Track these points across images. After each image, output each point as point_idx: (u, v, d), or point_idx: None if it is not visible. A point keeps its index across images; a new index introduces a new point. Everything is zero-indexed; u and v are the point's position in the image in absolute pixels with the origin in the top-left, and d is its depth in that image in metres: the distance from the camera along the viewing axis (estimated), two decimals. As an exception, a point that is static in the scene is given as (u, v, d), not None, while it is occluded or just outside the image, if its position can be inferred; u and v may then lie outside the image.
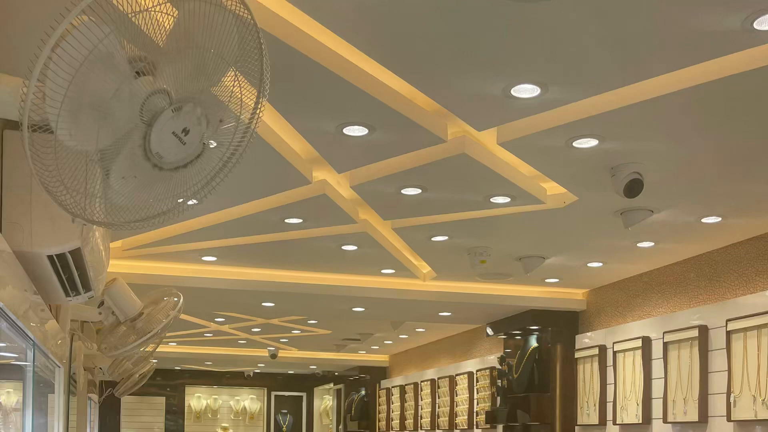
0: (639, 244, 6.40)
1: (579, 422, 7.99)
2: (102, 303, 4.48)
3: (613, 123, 4.10)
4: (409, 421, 12.36)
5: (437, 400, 11.41)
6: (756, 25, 3.19)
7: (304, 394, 18.27)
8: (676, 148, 4.43)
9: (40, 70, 1.85)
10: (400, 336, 11.84)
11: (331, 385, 16.83)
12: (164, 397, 17.39)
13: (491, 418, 9.23)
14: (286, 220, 5.84)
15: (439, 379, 11.42)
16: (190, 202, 2.17)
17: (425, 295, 7.90)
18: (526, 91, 3.76)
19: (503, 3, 3.05)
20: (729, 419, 6.01)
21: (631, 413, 7.15)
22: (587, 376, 7.90)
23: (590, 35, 3.31)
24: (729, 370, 6.03)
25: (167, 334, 5.24)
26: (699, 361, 6.36)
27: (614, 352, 7.48)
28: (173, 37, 1.99)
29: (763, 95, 3.78)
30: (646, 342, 7.07)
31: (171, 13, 1.96)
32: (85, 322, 6.04)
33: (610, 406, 7.50)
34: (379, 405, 14.00)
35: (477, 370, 10.27)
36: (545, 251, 6.65)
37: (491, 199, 5.29)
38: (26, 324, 2.93)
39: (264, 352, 13.44)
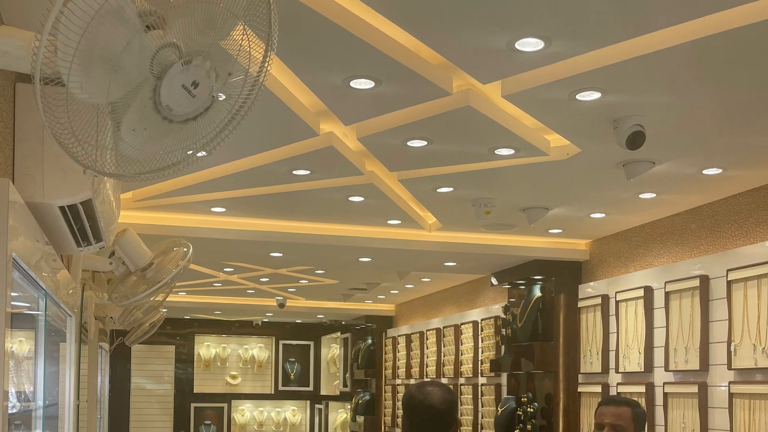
0: (641, 195, 6.44)
1: (582, 370, 8.07)
2: (113, 253, 4.54)
3: (615, 76, 4.13)
4: (415, 369, 12.45)
5: (442, 348, 11.49)
6: (757, -21, 3.21)
7: (311, 343, 18.39)
8: (678, 100, 4.47)
9: (51, 24, 1.89)
10: (406, 286, 11.91)
11: (338, 334, 16.93)
12: (174, 346, 17.51)
13: (495, 366, 9.32)
14: (294, 172, 5.88)
15: (444, 328, 11.49)
16: (199, 154, 2.22)
17: (431, 246, 7.95)
18: (529, 44, 3.79)
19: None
20: (729, 367, 6.08)
21: (633, 361, 7.23)
22: (590, 325, 7.98)
23: (592, -11, 3.34)
24: (729, 320, 6.10)
25: (177, 284, 5.32)
26: (700, 310, 6.42)
27: (616, 302, 7.55)
28: (183, -8, 2.03)
29: (764, 49, 3.80)
30: (648, 292, 7.13)
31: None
32: (96, 272, 6.12)
33: (612, 355, 7.58)
34: (385, 354, 14.10)
35: (481, 320, 10.33)
36: (548, 202, 6.69)
37: (495, 151, 5.33)
38: (38, 274, 2.98)
39: (272, 302, 13.51)
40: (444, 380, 11.12)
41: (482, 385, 10.21)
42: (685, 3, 3.44)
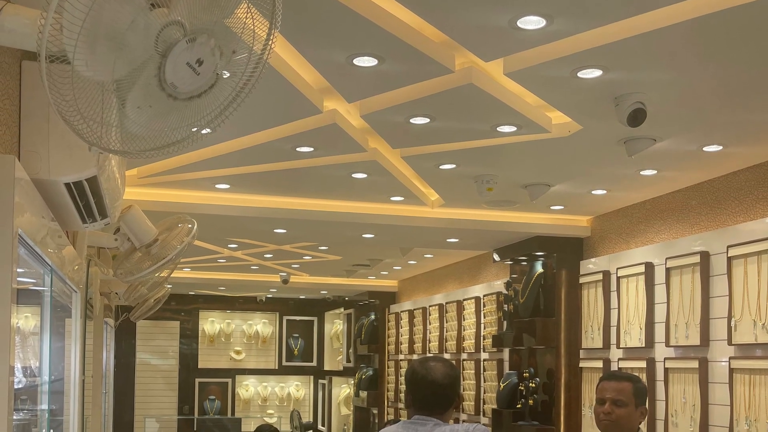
0: (642, 172, 6.46)
1: (583, 346, 8.12)
2: (118, 229, 4.57)
3: (616, 54, 4.14)
4: (418, 345, 12.50)
5: (445, 324, 11.53)
6: (757, -43, 3.22)
7: (315, 319, 18.47)
8: (679, 78, 4.48)
9: (57, 1, 1.90)
10: (409, 262, 11.94)
11: (342, 309, 16.99)
12: (178, 322, 17.59)
13: (498, 341, 9.36)
14: (298, 149, 5.90)
15: (446, 303, 11.53)
16: (203, 131, 2.24)
17: (433, 222, 7.98)
18: (531, 22, 3.80)
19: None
20: (730, 343, 6.12)
21: (634, 337, 7.27)
22: (591, 301, 8.02)
23: (594, -33, 3.35)
24: (730, 295, 6.13)
25: (181, 260, 5.34)
26: (700, 286, 6.45)
27: (618, 278, 7.58)
28: (187, -30, 2.04)
29: (764, 26, 3.81)
30: (649, 268, 7.15)
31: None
32: (102, 249, 6.14)
33: (613, 330, 7.62)
34: (389, 329, 14.15)
35: (484, 295, 10.37)
36: (550, 179, 6.71)
37: (498, 128, 5.34)
38: (44, 250, 2.99)
39: (276, 278, 13.55)
40: (446, 355, 11.18)
41: (484, 360, 10.27)
42: (685, -19, 3.45)
